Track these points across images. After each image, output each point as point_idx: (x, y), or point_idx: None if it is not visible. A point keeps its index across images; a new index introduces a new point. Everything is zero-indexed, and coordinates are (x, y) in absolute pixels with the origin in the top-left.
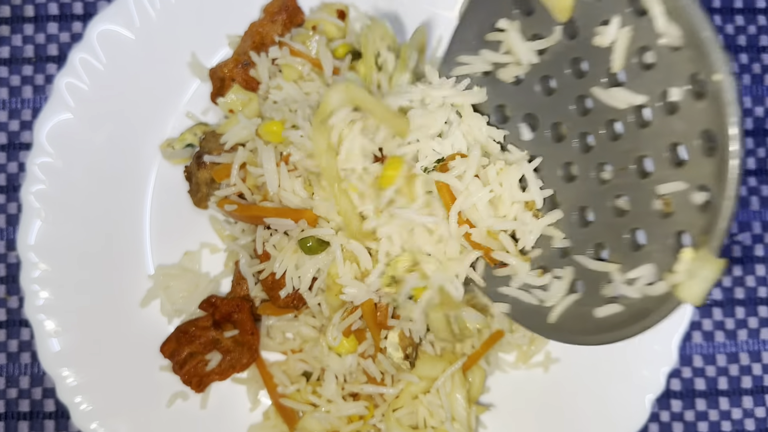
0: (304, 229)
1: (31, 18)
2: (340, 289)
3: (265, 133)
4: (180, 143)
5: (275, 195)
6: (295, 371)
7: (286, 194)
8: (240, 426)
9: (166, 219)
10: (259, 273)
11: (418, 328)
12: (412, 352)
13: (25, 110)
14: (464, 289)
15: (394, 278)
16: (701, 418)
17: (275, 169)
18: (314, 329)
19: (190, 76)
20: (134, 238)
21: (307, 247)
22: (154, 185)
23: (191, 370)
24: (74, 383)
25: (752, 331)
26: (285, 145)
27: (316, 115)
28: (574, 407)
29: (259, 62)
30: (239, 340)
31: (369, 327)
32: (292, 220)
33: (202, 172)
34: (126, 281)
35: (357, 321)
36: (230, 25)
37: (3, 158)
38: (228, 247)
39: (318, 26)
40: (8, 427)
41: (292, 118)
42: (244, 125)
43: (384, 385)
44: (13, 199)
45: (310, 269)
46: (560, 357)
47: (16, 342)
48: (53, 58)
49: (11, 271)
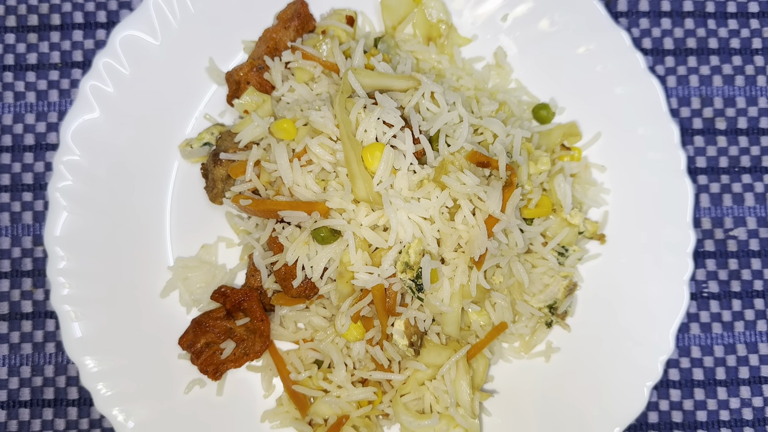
0: (317, 221)
1: (57, 26)
2: (351, 276)
3: (277, 130)
4: (198, 142)
5: (288, 189)
6: (307, 359)
7: (299, 189)
8: (255, 412)
9: (185, 214)
10: (272, 265)
11: (426, 317)
12: (417, 340)
13: (51, 113)
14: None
15: (408, 264)
16: (700, 407)
17: (288, 165)
18: (325, 319)
19: (208, 80)
20: (155, 232)
21: (320, 237)
22: (174, 183)
23: (207, 359)
24: (96, 370)
25: (748, 323)
26: (297, 142)
27: (341, 92)
28: (574, 395)
29: (273, 66)
30: (251, 327)
31: (378, 312)
32: (305, 213)
33: (218, 169)
34: (147, 273)
35: (365, 307)
36: (245, 31)
37: (30, 158)
38: (242, 240)
39: (328, 31)
40: (33, 414)
41: (303, 118)
42: (258, 124)
43: (391, 371)
44: (40, 197)
45: (323, 258)
46: (561, 347)
47: (41, 332)
48: (78, 63)
49: (38, 266)
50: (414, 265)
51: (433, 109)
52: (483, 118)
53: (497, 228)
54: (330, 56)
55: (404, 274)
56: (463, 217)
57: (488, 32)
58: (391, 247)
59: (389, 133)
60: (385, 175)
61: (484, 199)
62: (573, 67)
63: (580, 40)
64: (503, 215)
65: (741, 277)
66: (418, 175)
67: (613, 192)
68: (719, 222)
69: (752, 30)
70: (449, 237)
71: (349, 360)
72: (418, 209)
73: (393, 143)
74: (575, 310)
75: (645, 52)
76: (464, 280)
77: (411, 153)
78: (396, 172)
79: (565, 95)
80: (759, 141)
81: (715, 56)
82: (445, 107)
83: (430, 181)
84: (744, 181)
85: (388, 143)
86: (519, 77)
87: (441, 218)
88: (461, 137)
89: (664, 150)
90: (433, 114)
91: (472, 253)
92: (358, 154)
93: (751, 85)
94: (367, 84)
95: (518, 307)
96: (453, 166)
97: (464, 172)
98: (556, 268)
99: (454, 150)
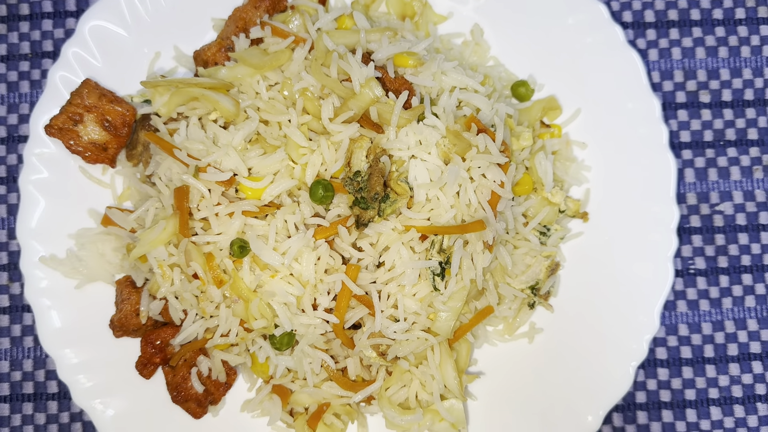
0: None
1: (26, 16)
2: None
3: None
4: (139, 97)
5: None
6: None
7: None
8: (236, 401)
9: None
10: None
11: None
12: (386, 348)
13: (23, 104)
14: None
15: (442, 247)
16: (688, 385)
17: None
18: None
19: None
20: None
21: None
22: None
23: (184, 394)
24: (74, 362)
25: (736, 299)
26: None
27: (314, 60)
28: (559, 377)
29: (237, 43)
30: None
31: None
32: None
33: (143, 132)
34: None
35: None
36: (215, 10)
37: (3, 151)
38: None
39: (299, 9)
40: (13, 408)
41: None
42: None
43: (374, 380)
44: (13, 190)
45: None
46: (545, 327)
47: (18, 327)
48: (48, 53)
49: (13, 259)
50: (447, 249)
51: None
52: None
53: (499, 207)
54: (301, 31)
55: (439, 255)
56: (468, 200)
57: (464, 9)
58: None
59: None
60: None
61: (488, 175)
62: (551, 42)
63: (557, 14)
64: (505, 191)
65: (728, 252)
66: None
67: (595, 169)
68: (705, 197)
69: (735, 0)
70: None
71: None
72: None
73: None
74: (558, 291)
75: (625, 26)
76: (472, 274)
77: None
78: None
79: (544, 72)
80: (744, 113)
81: (698, 28)
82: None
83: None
84: (729, 155)
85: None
86: (496, 54)
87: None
88: (449, 106)
89: (646, 125)
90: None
91: (485, 237)
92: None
93: (735, 57)
94: (341, 44)
95: (501, 289)
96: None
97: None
98: (538, 248)
99: (444, 120)
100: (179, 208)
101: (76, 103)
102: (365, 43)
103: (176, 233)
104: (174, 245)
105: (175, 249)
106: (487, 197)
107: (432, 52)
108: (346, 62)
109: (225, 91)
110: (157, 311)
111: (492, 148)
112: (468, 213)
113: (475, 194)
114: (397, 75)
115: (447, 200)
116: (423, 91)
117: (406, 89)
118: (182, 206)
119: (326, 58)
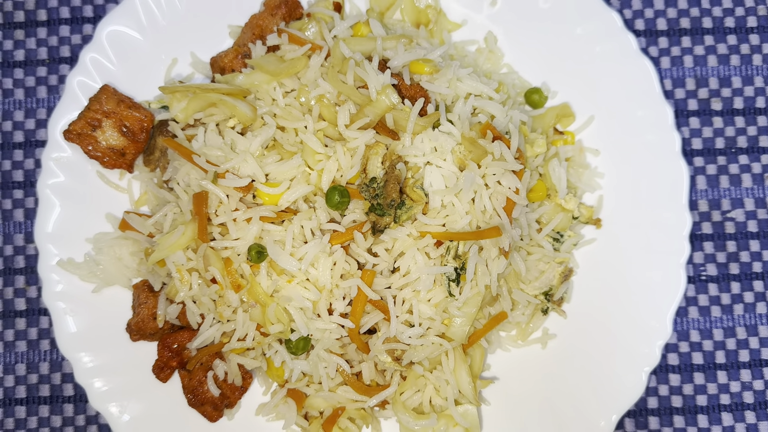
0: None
1: (43, 22)
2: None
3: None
4: (157, 103)
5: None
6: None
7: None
8: (250, 405)
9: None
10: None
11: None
12: (401, 353)
13: (40, 109)
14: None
15: (457, 253)
16: (700, 391)
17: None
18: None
19: (194, 71)
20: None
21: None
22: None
23: (201, 397)
24: (91, 365)
25: (748, 305)
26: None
27: (331, 66)
28: (572, 382)
29: (254, 50)
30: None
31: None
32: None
33: (161, 138)
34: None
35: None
36: (232, 17)
37: (20, 155)
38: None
39: (315, 17)
40: (30, 411)
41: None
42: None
43: (388, 385)
44: (31, 194)
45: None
46: (558, 333)
47: (35, 330)
48: (66, 59)
49: (30, 263)
50: (463, 255)
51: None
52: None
53: (514, 213)
54: (317, 38)
55: (454, 261)
56: (483, 206)
57: (478, 16)
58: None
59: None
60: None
61: (503, 182)
62: (564, 50)
63: (571, 22)
64: (520, 198)
65: (739, 259)
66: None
67: (608, 176)
68: (716, 204)
69: (747, 8)
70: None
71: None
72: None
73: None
74: (571, 297)
75: (638, 34)
76: (487, 280)
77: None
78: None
79: (557, 79)
80: (755, 121)
81: (710, 36)
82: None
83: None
84: (741, 162)
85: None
86: (510, 62)
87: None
88: (464, 113)
89: (659, 132)
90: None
91: (500, 243)
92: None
93: (747, 65)
94: (357, 51)
95: (514, 295)
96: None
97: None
98: (552, 254)
99: (459, 127)
100: (198, 214)
101: (95, 109)
102: (381, 51)
103: (195, 238)
104: (192, 250)
105: (194, 254)
106: (502, 204)
107: (447, 60)
108: (363, 69)
109: (242, 97)
110: (174, 315)
111: (507, 155)
112: (483, 219)
113: (490, 201)
114: (413, 82)
115: (462, 207)
116: (438, 98)
117: (421, 96)
118: (201, 212)
119: (343, 65)
